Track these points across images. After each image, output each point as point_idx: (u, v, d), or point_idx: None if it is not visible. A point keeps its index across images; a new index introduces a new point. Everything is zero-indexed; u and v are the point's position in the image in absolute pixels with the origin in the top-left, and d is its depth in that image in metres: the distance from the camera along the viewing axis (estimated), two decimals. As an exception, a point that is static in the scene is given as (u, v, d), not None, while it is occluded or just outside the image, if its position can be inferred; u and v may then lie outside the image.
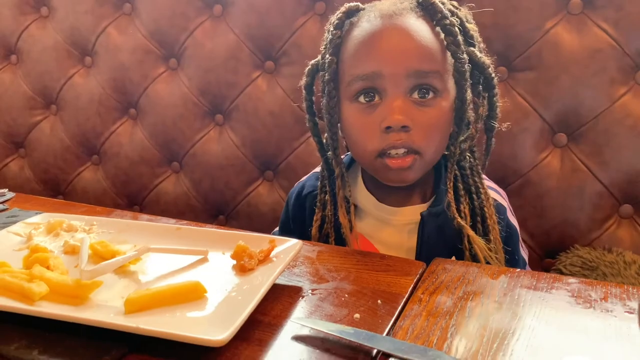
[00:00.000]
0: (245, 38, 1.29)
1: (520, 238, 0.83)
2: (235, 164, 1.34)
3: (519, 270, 0.64)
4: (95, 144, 1.48)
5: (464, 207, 0.78)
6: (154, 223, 0.75)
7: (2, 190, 0.94)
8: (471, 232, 0.76)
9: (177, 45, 1.36)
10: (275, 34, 1.27)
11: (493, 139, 0.82)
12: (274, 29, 1.27)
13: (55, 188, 1.54)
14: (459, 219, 0.76)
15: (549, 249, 1.13)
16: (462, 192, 0.80)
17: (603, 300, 0.56)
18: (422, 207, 0.81)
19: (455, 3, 0.80)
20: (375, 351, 0.48)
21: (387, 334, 0.52)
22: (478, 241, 0.75)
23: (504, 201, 0.83)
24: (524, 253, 0.84)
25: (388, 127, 0.71)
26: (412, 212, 0.81)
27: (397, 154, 0.72)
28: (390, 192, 0.82)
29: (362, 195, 0.84)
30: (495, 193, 0.83)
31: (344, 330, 0.51)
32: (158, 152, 1.41)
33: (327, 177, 0.84)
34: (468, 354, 0.47)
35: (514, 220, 0.83)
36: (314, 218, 0.85)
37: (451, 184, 0.78)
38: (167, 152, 1.41)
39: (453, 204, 0.77)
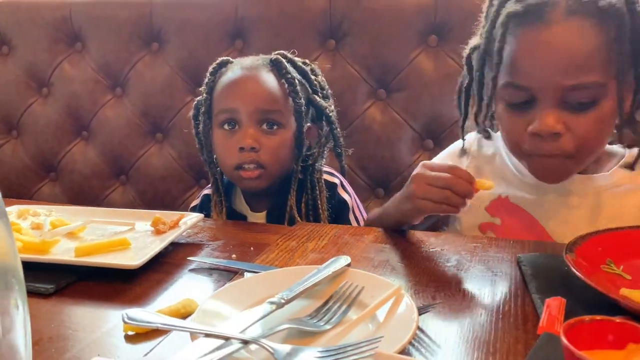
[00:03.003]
0: (179, 69, 1.56)
1: (352, 210, 1.09)
2: (174, 174, 1.58)
3: (349, 226, 0.93)
4: (52, 163, 1.69)
5: (304, 202, 1.06)
6: (98, 208, 1.01)
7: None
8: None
9: (121, 76, 1.60)
10: (203, 65, 1.52)
11: (344, 162, 1.10)
12: (201, 61, 1.52)
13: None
14: (295, 212, 1.04)
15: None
16: (304, 192, 1.07)
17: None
18: None
19: (306, 61, 1.09)
20: (240, 271, 0.75)
21: (252, 265, 0.79)
22: None
23: (335, 179, 1.11)
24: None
25: (241, 148, 0.99)
26: None
27: (248, 167, 1.00)
28: (257, 202, 1.10)
29: (242, 206, 1.11)
30: (329, 175, 1.11)
31: (221, 262, 0.78)
32: (107, 167, 1.64)
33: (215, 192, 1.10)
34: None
35: (345, 195, 1.10)
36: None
37: (293, 191, 1.05)
38: (115, 167, 1.64)
39: (293, 204, 1.04)
